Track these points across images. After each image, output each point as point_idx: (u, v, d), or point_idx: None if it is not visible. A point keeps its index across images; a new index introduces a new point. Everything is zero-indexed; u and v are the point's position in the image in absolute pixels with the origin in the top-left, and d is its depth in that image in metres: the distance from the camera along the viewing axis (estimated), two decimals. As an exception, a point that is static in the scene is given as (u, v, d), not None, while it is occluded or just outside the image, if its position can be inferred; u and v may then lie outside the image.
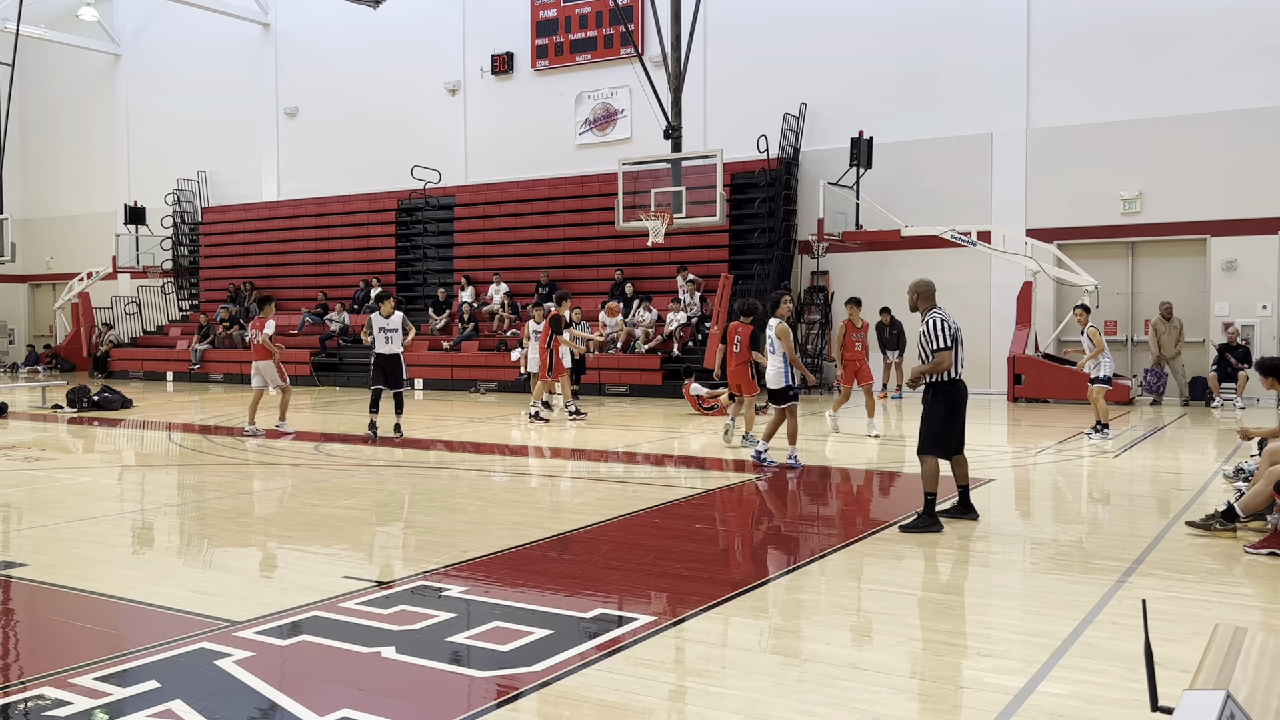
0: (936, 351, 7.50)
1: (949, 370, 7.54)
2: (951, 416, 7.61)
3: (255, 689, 4.30)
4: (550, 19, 24.28)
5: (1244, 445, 11.05)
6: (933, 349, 7.52)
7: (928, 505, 7.41)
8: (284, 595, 5.84)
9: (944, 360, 7.46)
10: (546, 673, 4.46)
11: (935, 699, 4.15)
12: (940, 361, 7.47)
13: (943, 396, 7.58)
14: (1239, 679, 2.36)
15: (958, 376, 7.62)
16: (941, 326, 7.48)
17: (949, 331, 7.50)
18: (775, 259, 20.69)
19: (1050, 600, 5.62)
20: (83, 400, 17.86)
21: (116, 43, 31.84)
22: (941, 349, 7.47)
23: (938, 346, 7.48)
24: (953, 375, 7.57)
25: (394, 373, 13.25)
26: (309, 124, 28.13)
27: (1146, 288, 19.18)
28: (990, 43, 19.57)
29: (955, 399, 7.60)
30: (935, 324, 7.52)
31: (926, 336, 7.57)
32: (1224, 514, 7.10)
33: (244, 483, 10.11)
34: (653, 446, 12.56)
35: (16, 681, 4.44)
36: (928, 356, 7.58)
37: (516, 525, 7.76)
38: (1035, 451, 11.85)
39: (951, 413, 7.61)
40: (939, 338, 7.48)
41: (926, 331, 7.57)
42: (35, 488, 9.69)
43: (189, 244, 30.07)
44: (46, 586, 6.01)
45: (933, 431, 7.56)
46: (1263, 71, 17.51)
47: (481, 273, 24.31)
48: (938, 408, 7.59)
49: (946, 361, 7.46)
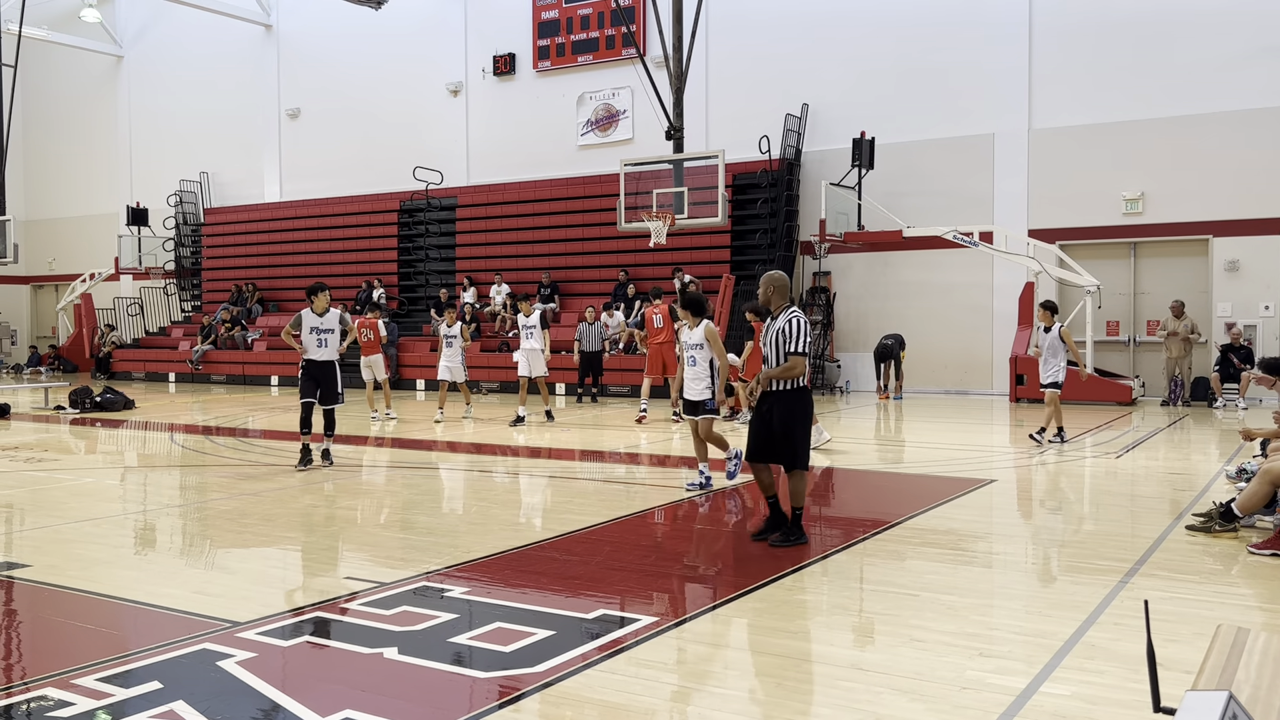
0: (793, 355, 6.84)
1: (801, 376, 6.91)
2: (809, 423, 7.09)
3: (258, 690, 4.30)
4: (552, 20, 24.28)
5: (1246, 446, 11.04)
6: (788, 350, 6.85)
7: (798, 519, 6.95)
8: (286, 596, 5.84)
9: (799, 365, 6.82)
10: (549, 673, 4.46)
11: (937, 700, 4.14)
12: (794, 366, 6.82)
13: (800, 404, 6.94)
14: (1241, 680, 2.36)
15: (806, 385, 7.00)
16: (801, 328, 6.85)
17: (808, 334, 6.92)
18: (777, 260, 20.68)
19: (1052, 601, 5.62)
20: (85, 401, 17.88)
21: (119, 44, 31.87)
22: (798, 352, 6.83)
23: (795, 349, 6.83)
24: (802, 382, 6.95)
25: (328, 384, 10.77)
26: (311, 125, 28.16)
27: (1149, 288, 19.17)
28: (992, 43, 19.57)
29: (809, 405, 7.05)
30: (795, 325, 6.86)
31: (783, 336, 6.88)
32: (1222, 515, 7.09)
33: (246, 484, 10.11)
34: (654, 447, 12.56)
35: (19, 682, 4.44)
36: (779, 359, 6.90)
37: (518, 526, 7.76)
38: (1037, 452, 11.84)
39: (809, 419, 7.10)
40: (797, 339, 6.84)
41: (784, 331, 6.89)
42: (38, 488, 9.70)
43: (191, 245, 30.10)
44: (49, 587, 6.02)
45: (806, 440, 6.98)
46: (1265, 71, 17.49)
47: (483, 274, 24.32)
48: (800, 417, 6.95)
49: (801, 366, 6.83)
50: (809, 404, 7.02)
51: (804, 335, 6.84)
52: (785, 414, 6.89)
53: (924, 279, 20.31)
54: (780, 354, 6.90)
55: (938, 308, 20.17)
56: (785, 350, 6.86)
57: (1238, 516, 7.05)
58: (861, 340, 20.54)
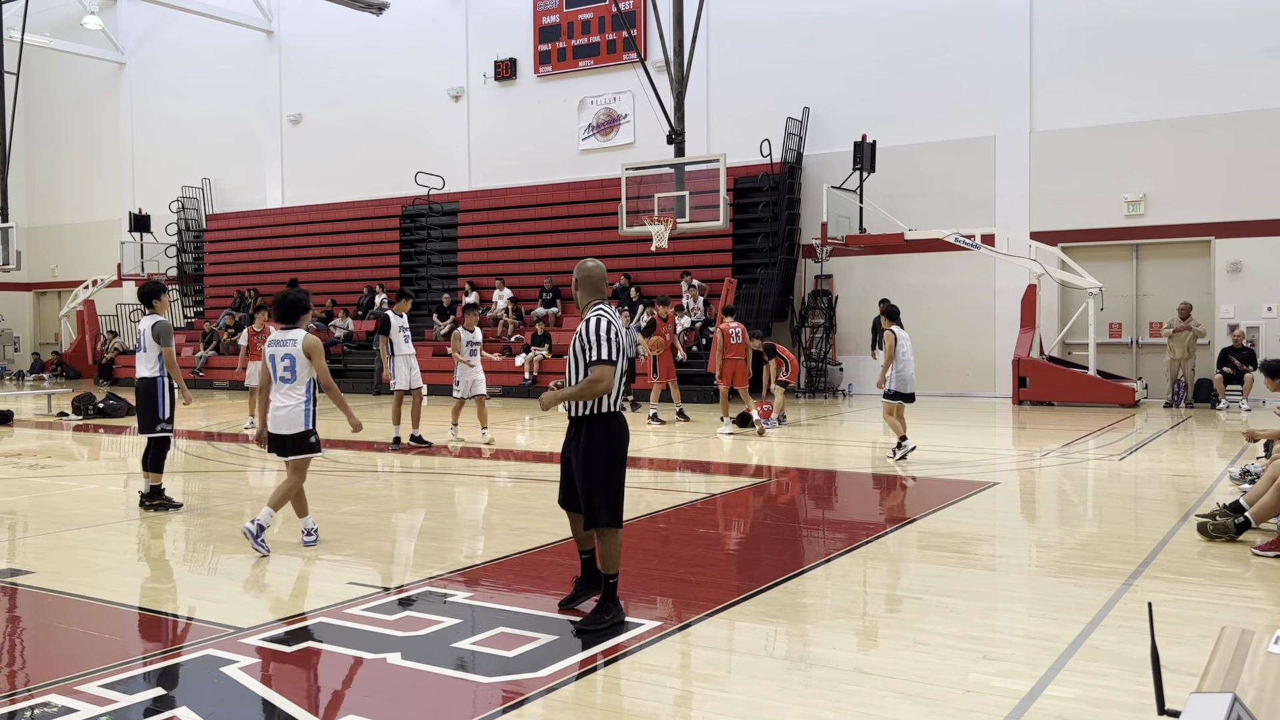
0: (595, 364, 5.03)
1: (607, 396, 5.10)
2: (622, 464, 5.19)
3: (261, 696, 4.31)
4: (553, 25, 24.32)
5: (1250, 447, 11.03)
6: (590, 359, 5.06)
7: (612, 590, 5.18)
8: (289, 601, 5.84)
9: (604, 378, 5.00)
10: (552, 678, 4.46)
11: (941, 703, 4.14)
12: (598, 380, 4.99)
13: (605, 437, 5.11)
14: (1246, 682, 2.35)
15: (617, 409, 5.19)
16: (605, 329, 5.06)
17: (616, 337, 5.10)
18: (779, 263, 20.70)
19: (1056, 603, 5.61)
20: (88, 407, 17.90)
21: (121, 51, 31.94)
22: (602, 360, 5.01)
23: (597, 357, 5.02)
24: (611, 405, 5.14)
25: (144, 406, 8.79)
26: (313, 131, 28.20)
27: (1151, 290, 19.16)
28: (993, 45, 19.57)
29: (620, 439, 5.18)
30: (597, 325, 5.08)
31: (584, 342, 5.09)
32: (1239, 525, 6.99)
33: (249, 489, 10.12)
34: (656, 451, 12.55)
35: (23, 689, 4.45)
36: (580, 371, 5.12)
37: (521, 530, 7.76)
38: (1040, 455, 11.83)
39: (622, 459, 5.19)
40: (600, 344, 5.02)
41: (584, 334, 5.09)
42: (41, 495, 9.71)
43: (194, 251, 30.15)
44: (52, 593, 6.02)
45: (611, 489, 5.12)
46: (1266, 73, 17.49)
47: (485, 278, 24.34)
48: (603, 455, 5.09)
49: (608, 381, 5.01)
50: (619, 436, 5.17)
51: (611, 340, 5.05)
52: (585, 451, 5.12)
53: (926, 282, 20.30)
54: (580, 364, 5.13)
55: (940, 310, 20.16)
56: (590, 359, 5.06)
57: (1252, 526, 6.99)
58: (864, 343, 20.52)
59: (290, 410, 6.92)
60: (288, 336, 6.94)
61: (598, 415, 5.12)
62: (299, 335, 6.93)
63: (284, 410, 6.93)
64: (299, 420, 6.93)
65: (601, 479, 5.10)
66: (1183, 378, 17.63)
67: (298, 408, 6.92)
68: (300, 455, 7.00)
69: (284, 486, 7.07)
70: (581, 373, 5.11)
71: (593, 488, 5.11)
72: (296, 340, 6.91)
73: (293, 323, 7.00)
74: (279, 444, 7.04)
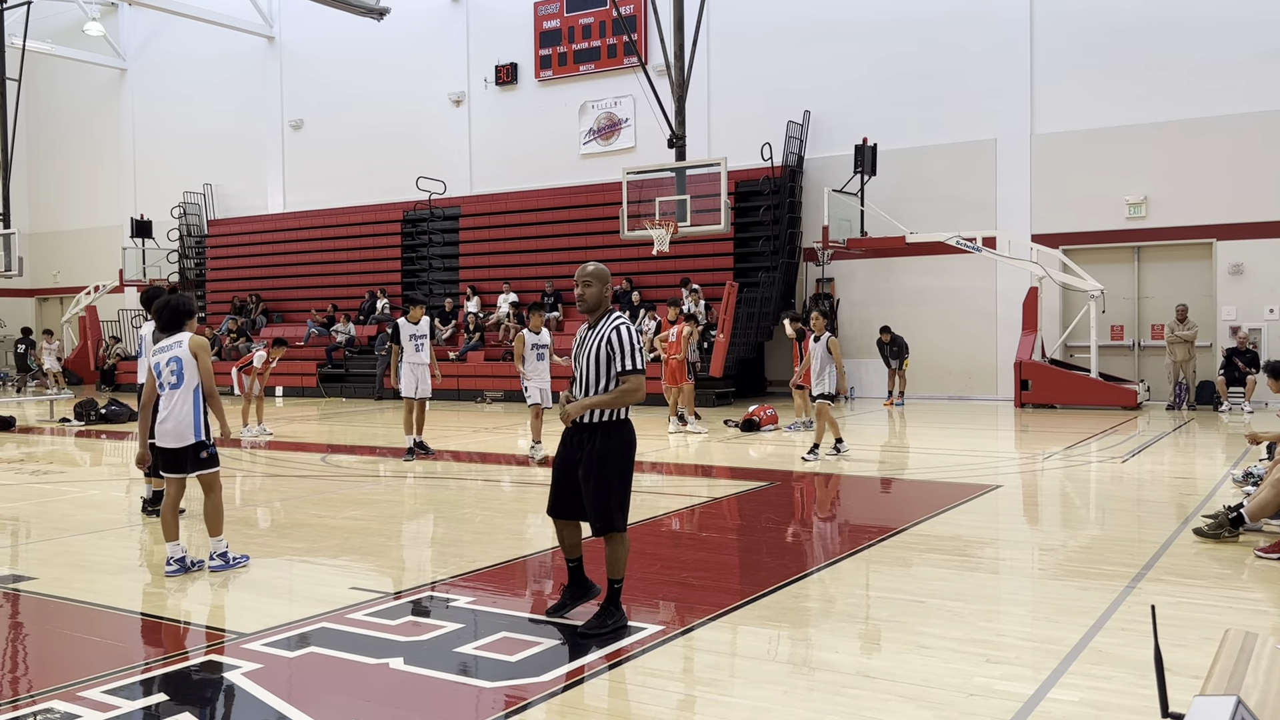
0: (627, 373, 5.12)
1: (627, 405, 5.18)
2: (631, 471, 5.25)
3: (264, 701, 4.30)
4: (554, 29, 24.35)
5: (1253, 449, 11.01)
6: (621, 368, 5.13)
7: (616, 595, 5.24)
8: (292, 607, 5.84)
9: (639, 388, 5.11)
10: (555, 683, 4.46)
11: (945, 706, 4.13)
12: (634, 390, 5.10)
13: (620, 443, 5.18)
14: (1249, 684, 2.35)
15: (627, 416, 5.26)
16: (636, 338, 5.18)
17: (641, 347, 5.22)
18: (780, 266, 20.70)
19: (1059, 606, 5.60)
20: (90, 413, 17.91)
21: (122, 57, 32.00)
22: (637, 369, 5.12)
23: (632, 366, 5.12)
24: (626, 412, 5.23)
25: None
26: (314, 136, 28.24)
27: (1153, 292, 19.15)
28: (994, 49, 19.59)
29: (633, 445, 5.26)
30: (628, 333, 5.16)
31: (613, 348, 5.13)
32: (1233, 521, 7.04)
33: (251, 494, 10.12)
34: (659, 455, 12.55)
35: (25, 695, 4.45)
36: (604, 379, 5.14)
37: (523, 535, 7.76)
38: (1043, 457, 11.82)
39: (633, 465, 5.27)
40: (634, 353, 5.13)
41: (613, 342, 5.13)
42: (43, 501, 9.72)
43: (195, 257, 30.18)
44: (55, 599, 6.02)
45: (625, 495, 5.20)
46: (1267, 75, 17.49)
47: (487, 283, 24.35)
48: (620, 463, 5.15)
49: (642, 391, 5.14)
50: (633, 442, 5.25)
51: (640, 349, 5.19)
52: (600, 459, 5.12)
53: (927, 285, 20.30)
54: (605, 372, 5.15)
55: (941, 313, 20.16)
56: (623, 367, 5.11)
57: (1247, 523, 7.02)
58: (866, 347, 20.51)
59: (179, 422, 6.49)
60: (172, 340, 6.62)
61: (614, 422, 5.17)
62: (184, 337, 6.63)
63: (171, 422, 6.50)
64: (188, 431, 6.50)
65: (619, 486, 5.14)
66: (1184, 380, 17.62)
67: (186, 417, 6.50)
68: (204, 471, 6.64)
69: (209, 511, 6.70)
70: (604, 381, 5.13)
71: (609, 495, 5.10)
72: (182, 341, 6.58)
73: (177, 330, 6.69)
74: (171, 459, 6.60)
